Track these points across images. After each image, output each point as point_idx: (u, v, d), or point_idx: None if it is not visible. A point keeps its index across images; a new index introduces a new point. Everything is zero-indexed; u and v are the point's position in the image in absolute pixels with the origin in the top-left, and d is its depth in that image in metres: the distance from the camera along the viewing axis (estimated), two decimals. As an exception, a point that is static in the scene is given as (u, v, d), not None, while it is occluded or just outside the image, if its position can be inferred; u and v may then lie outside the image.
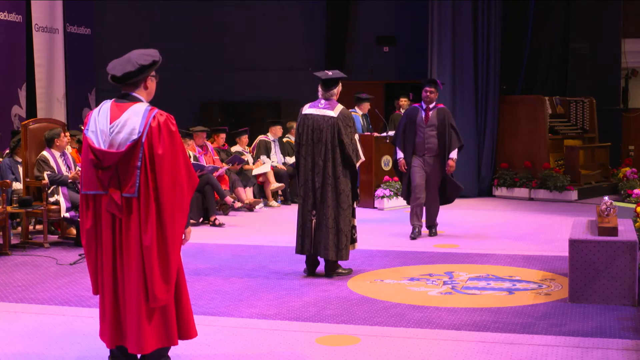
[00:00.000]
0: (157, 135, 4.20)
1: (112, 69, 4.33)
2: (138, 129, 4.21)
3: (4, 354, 4.95)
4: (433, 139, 8.88)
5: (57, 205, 8.64)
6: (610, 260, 6.00)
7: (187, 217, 4.38)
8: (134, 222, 4.21)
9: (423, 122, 8.89)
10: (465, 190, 13.20)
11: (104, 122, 4.28)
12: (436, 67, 13.13)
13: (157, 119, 4.22)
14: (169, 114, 4.33)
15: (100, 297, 4.38)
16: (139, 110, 4.26)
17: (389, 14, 15.73)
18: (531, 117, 13.24)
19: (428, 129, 8.88)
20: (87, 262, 4.40)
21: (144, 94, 4.39)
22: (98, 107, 4.41)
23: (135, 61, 4.29)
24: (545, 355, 4.87)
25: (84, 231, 4.37)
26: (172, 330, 4.34)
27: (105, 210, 4.26)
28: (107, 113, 4.31)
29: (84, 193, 4.34)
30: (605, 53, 14.54)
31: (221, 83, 16.09)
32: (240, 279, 7.08)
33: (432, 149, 8.91)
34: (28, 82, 11.72)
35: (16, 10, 11.43)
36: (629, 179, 12.90)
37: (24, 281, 7.03)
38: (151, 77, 4.39)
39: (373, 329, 5.46)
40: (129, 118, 4.24)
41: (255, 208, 11.67)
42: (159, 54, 4.39)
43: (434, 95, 8.94)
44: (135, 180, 4.20)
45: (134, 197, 4.20)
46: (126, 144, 4.21)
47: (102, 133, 4.26)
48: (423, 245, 8.74)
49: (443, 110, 9.01)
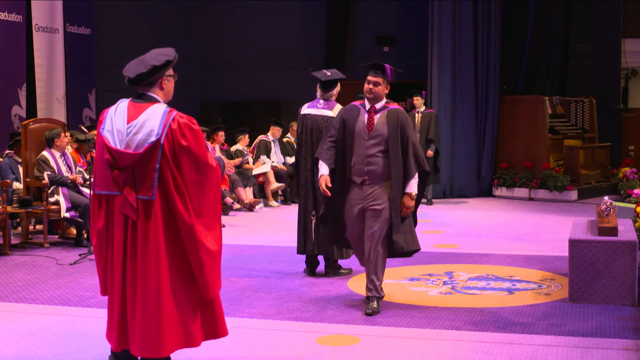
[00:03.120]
0: (179, 134, 4.13)
1: (127, 70, 4.25)
2: (157, 131, 4.13)
3: (4, 354, 4.95)
4: (377, 158, 5.82)
5: (57, 205, 8.64)
6: (610, 260, 6.00)
7: (221, 195, 4.36)
8: (153, 225, 4.13)
9: (365, 131, 5.86)
10: (465, 190, 13.27)
11: (120, 122, 4.20)
12: (436, 67, 13.15)
13: (178, 121, 4.16)
14: (189, 116, 4.27)
15: (108, 298, 4.32)
16: (157, 111, 4.19)
17: (389, 14, 15.73)
18: (531, 117, 13.25)
19: (371, 140, 5.83)
20: (96, 262, 4.34)
21: (161, 94, 4.31)
22: (114, 105, 4.32)
23: (148, 62, 4.22)
24: (545, 355, 4.87)
25: (94, 231, 4.29)
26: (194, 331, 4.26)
27: (119, 211, 4.19)
28: (125, 113, 4.22)
29: (97, 193, 4.27)
30: (605, 53, 14.55)
31: (221, 83, 16.09)
32: (240, 279, 7.08)
33: (375, 172, 5.83)
34: (28, 82, 11.72)
35: (16, 10, 11.43)
36: (629, 179, 12.90)
37: (24, 281, 7.03)
38: (167, 77, 4.31)
39: (373, 329, 5.46)
40: (148, 119, 4.16)
41: (255, 208, 11.67)
42: (175, 52, 4.31)
43: (379, 89, 5.84)
44: (153, 183, 4.13)
45: (150, 199, 4.14)
46: (144, 145, 4.13)
47: (119, 133, 4.19)
48: (423, 245, 8.71)
49: (397, 113, 5.87)
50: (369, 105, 5.89)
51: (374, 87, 5.82)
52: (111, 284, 4.27)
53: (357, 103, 5.98)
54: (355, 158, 5.83)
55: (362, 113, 5.88)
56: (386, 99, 5.92)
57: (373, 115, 5.85)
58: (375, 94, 5.83)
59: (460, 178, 13.24)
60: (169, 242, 4.18)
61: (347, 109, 6.00)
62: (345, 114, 5.95)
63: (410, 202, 5.79)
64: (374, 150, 5.78)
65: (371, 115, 5.85)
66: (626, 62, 14.91)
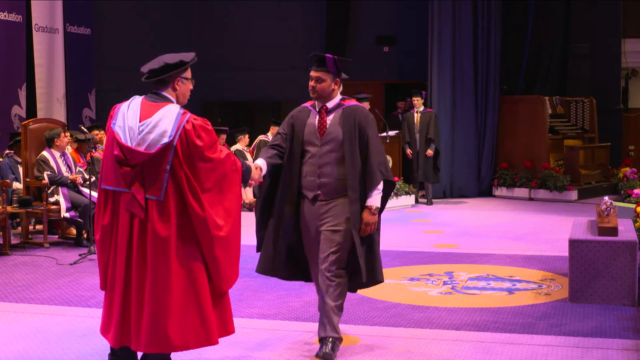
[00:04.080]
0: (194, 134, 4.11)
1: (144, 67, 4.24)
2: (170, 132, 4.09)
3: (4, 354, 4.95)
4: (331, 167, 4.80)
5: (57, 205, 8.64)
6: (610, 260, 6.00)
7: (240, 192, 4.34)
8: (165, 225, 4.10)
9: (317, 135, 4.84)
10: (465, 190, 13.27)
11: (133, 119, 4.16)
12: (436, 67, 13.15)
13: (192, 122, 4.13)
14: (204, 118, 4.24)
15: (107, 294, 4.29)
16: (171, 112, 4.15)
17: (389, 14, 15.74)
18: (531, 117, 13.26)
19: (325, 147, 4.81)
20: (98, 257, 4.31)
21: (174, 95, 4.27)
22: (127, 102, 4.28)
23: (162, 60, 4.22)
24: (545, 355, 4.87)
25: (99, 226, 4.26)
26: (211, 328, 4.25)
27: (125, 209, 4.16)
28: (137, 110, 4.18)
29: (104, 187, 4.24)
30: (605, 53, 14.56)
31: (221, 83, 16.10)
32: (240, 279, 7.06)
33: (329, 186, 4.80)
34: (28, 82, 11.72)
35: (16, 10, 11.43)
36: (629, 179, 12.91)
37: (24, 281, 7.03)
38: (181, 79, 4.27)
39: (373, 329, 5.46)
40: (161, 119, 4.12)
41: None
42: (194, 56, 4.29)
43: (324, 86, 4.80)
44: (162, 184, 4.10)
45: (158, 200, 4.11)
46: (157, 145, 4.09)
47: (131, 130, 4.15)
48: (423, 245, 8.74)
49: (354, 110, 4.84)
50: (319, 105, 4.87)
51: (317, 84, 4.79)
52: (112, 280, 4.25)
53: (308, 104, 4.96)
54: (307, 168, 4.81)
55: (313, 115, 4.86)
56: (342, 96, 4.89)
57: (325, 116, 4.82)
58: (319, 91, 4.79)
59: (460, 178, 13.25)
60: (181, 242, 4.15)
61: (296, 111, 4.98)
62: (294, 117, 4.94)
63: (370, 217, 4.69)
64: (327, 158, 4.76)
65: (322, 116, 4.83)
66: (626, 62, 14.91)
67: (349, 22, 15.96)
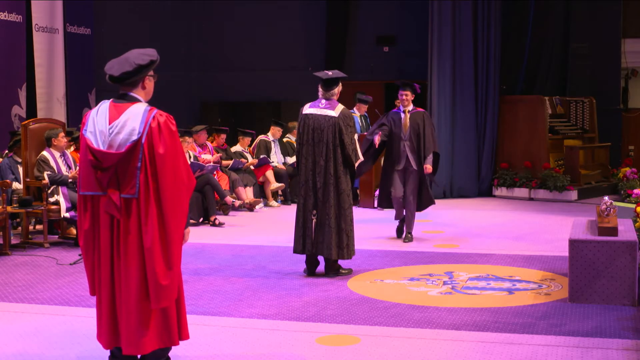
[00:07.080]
0: (158, 135, 4.19)
1: (109, 68, 4.30)
2: (138, 130, 4.19)
3: (4, 354, 4.95)
4: None
5: (57, 205, 8.65)
6: (610, 260, 6.00)
7: (187, 217, 4.38)
8: (134, 223, 4.19)
9: None
10: (466, 190, 13.26)
11: (102, 123, 4.26)
12: (436, 67, 13.14)
13: (157, 119, 4.21)
14: (168, 114, 4.32)
15: (97, 298, 4.36)
16: (138, 110, 4.24)
17: (389, 14, 15.73)
18: (531, 117, 13.24)
19: None
20: (84, 263, 4.38)
21: (142, 94, 4.37)
22: (96, 107, 4.38)
23: (133, 61, 4.27)
24: (545, 355, 4.87)
25: (81, 232, 4.35)
26: (173, 330, 4.33)
27: (104, 211, 4.23)
28: (106, 113, 4.28)
29: (82, 194, 4.32)
30: (605, 53, 14.54)
31: (221, 83, 16.09)
32: (240, 279, 7.08)
33: None
34: (28, 82, 11.72)
35: (16, 10, 11.43)
36: (629, 179, 12.89)
37: (24, 281, 7.03)
38: (149, 76, 4.37)
39: (373, 329, 5.46)
40: (129, 119, 4.22)
41: (255, 208, 11.67)
42: (157, 53, 4.37)
43: None
44: (135, 181, 4.19)
45: (133, 197, 4.19)
46: (126, 144, 4.19)
47: (101, 134, 4.24)
48: (423, 245, 8.74)
49: None
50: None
51: None
52: (99, 284, 4.32)
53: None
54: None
55: None
56: None
57: None
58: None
59: (460, 178, 13.24)
60: None
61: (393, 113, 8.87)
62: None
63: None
64: None
65: None
66: (626, 62, 14.90)
67: (349, 22, 15.95)
